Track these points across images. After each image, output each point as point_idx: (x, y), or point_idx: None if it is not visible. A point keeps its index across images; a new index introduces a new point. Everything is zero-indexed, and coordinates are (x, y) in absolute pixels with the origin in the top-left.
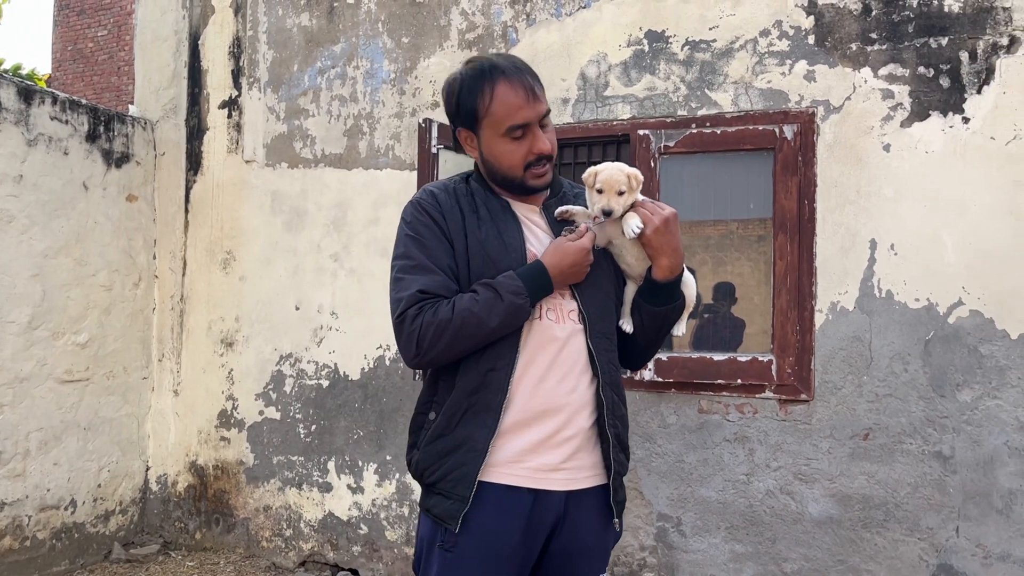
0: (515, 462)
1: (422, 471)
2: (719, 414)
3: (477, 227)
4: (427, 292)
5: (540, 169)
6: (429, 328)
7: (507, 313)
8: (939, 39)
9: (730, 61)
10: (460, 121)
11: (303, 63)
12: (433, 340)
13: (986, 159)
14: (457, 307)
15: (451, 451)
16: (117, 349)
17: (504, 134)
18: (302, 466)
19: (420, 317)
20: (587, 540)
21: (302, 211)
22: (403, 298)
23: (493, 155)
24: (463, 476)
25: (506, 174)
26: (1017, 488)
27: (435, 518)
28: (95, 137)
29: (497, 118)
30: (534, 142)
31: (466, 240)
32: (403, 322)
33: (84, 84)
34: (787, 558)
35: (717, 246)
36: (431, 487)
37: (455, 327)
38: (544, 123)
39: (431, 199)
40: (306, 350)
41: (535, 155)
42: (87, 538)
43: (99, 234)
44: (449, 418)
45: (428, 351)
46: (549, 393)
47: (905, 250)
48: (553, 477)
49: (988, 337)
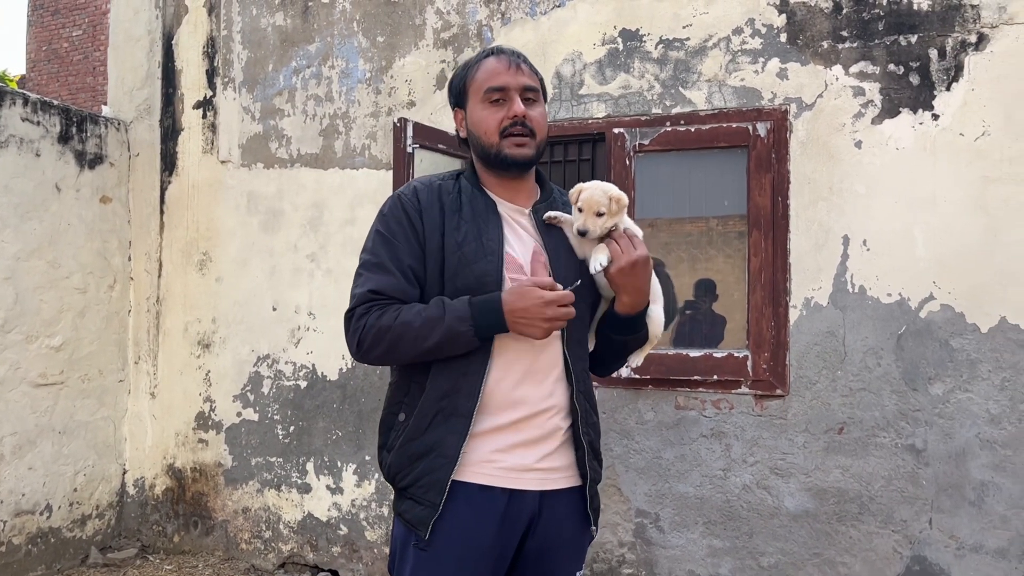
0: (488, 461)
1: (394, 474)
2: (696, 410)
3: (456, 227)
4: (379, 293)
5: (518, 138)
6: (370, 331)
7: (445, 337)
8: (909, 37)
9: (704, 59)
10: (454, 100)
11: (278, 63)
12: (372, 343)
13: (956, 155)
14: (400, 317)
15: (422, 455)
16: (92, 352)
17: (483, 99)
18: (281, 467)
19: (365, 318)
20: (562, 538)
21: (278, 211)
22: (355, 295)
23: (474, 124)
24: (434, 482)
25: (484, 141)
26: (989, 480)
27: (406, 523)
28: (67, 138)
29: (478, 84)
30: (510, 107)
31: (442, 239)
32: (350, 319)
33: (59, 84)
34: (764, 552)
35: (697, 243)
36: (403, 491)
37: (393, 336)
38: (529, 97)
39: (412, 195)
40: (283, 351)
41: (510, 118)
42: (63, 543)
43: (73, 236)
44: (420, 421)
45: (367, 352)
46: (523, 397)
47: (877, 246)
48: (527, 477)
49: (959, 331)
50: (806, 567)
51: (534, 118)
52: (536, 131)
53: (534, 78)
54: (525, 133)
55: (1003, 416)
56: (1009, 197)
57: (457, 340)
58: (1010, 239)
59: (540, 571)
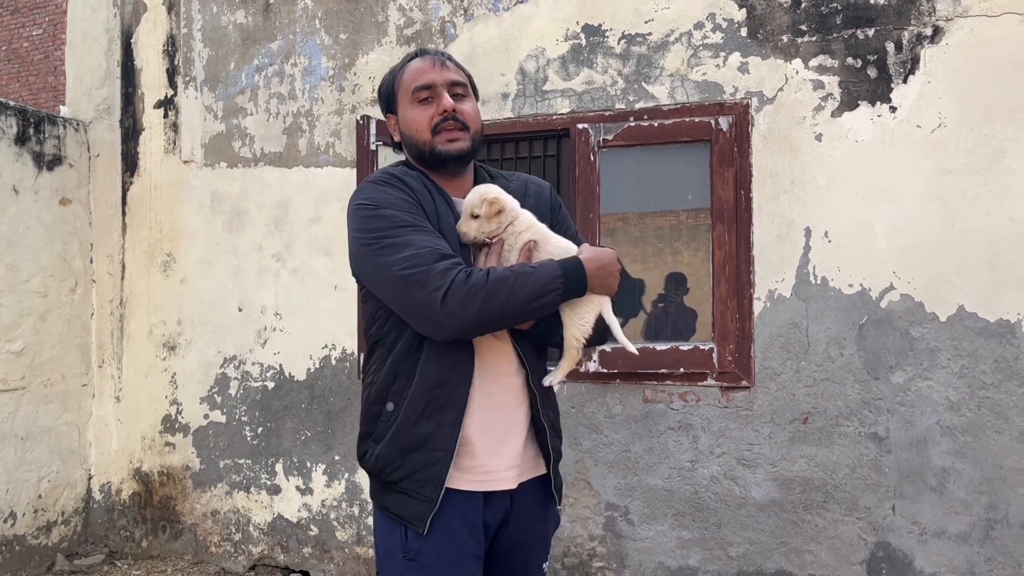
0: (472, 467)
1: (382, 467)
2: (663, 403)
3: (445, 212)
4: (443, 250)
5: (450, 134)
6: (460, 287)
7: (536, 292)
8: (866, 30)
9: (666, 54)
10: (385, 106)
11: (240, 61)
12: (466, 300)
13: (913, 147)
14: (491, 275)
15: (415, 448)
16: (54, 356)
17: (411, 99)
18: (249, 469)
19: (450, 274)
20: (531, 532)
21: (242, 211)
22: (413, 257)
23: (405, 124)
24: (431, 476)
25: (417, 140)
26: (949, 466)
27: (397, 518)
28: (25, 139)
29: (405, 85)
30: (439, 103)
31: (439, 225)
32: (427, 275)
33: (20, 84)
34: (732, 542)
35: (667, 237)
36: (391, 484)
37: (488, 293)
38: (457, 92)
39: (394, 179)
40: (250, 352)
41: (440, 114)
42: (28, 550)
43: (31, 239)
44: (411, 413)
45: (461, 310)
46: (497, 391)
47: (838, 237)
48: (503, 477)
49: (919, 320)
50: (773, 556)
51: (465, 111)
52: (469, 124)
53: (461, 74)
54: (457, 127)
55: (962, 403)
56: (965, 188)
57: (546, 296)
58: (966, 228)
59: (509, 566)
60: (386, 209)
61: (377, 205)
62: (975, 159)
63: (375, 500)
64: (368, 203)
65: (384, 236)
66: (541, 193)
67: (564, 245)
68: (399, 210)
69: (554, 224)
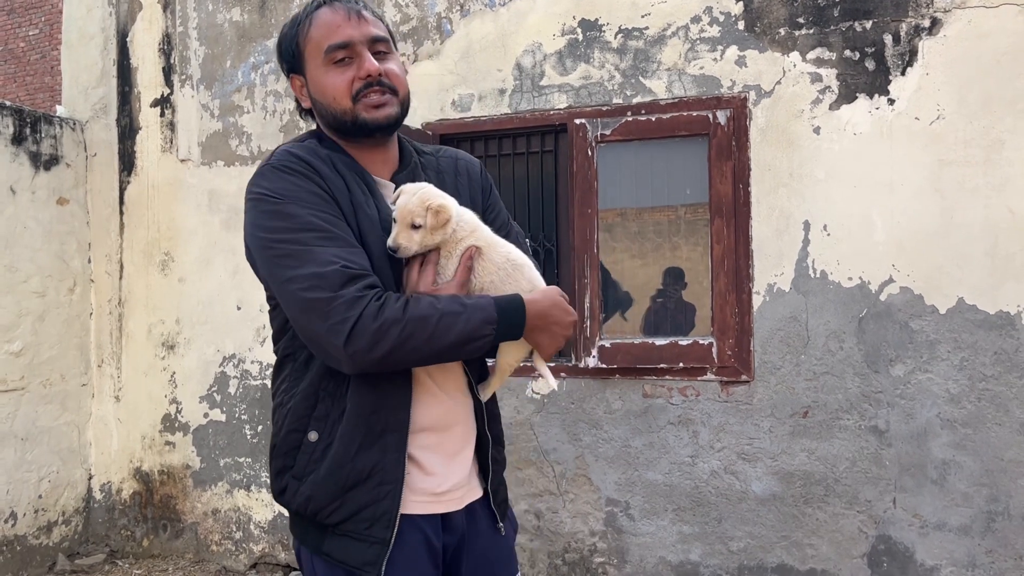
0: (427, 489)
1: (317, 509)
2: (663, 398)
3: (365, 204)
4: (354, 269)
5: (374, 98)
6: (369, 324)
7: (463, 336)
8: (864, 22)
9: (663, 48)
10: (288, 66)
11: (236, 59)
12: (375, 340)
13: (911, 139)
14: (410, 310)
15: (356, 484)
16: (53, 356)
17: (324, 61)
18: (250, 467)
19: (358, 306)
20: (491, 549)
21: (240, 209)
22: (317, 276)
23: (319, 89)
24: (379, 514)
25: (334, 109)
26: (950, 458)
27: (341, 565)
28: (21, 139)
29: (315, 43)
30: (360, 65)
31: (357, 220)
32: (330, 304)
33: (17, 85)
34: (733, 536)
35: (665, 232)
36: (331, 527)
37: (404, 333)
38: (380, 49)
39: (301, 164)
40: (249, 350)
41: (362, 80)
42: (29, 550)
43: (29, 239)
44: (347, 443)
45: (366, 352)
46: (445, 404)
47: (837, 231)
48: (457, 496)
49: (918, 313)
50: (774, 550)
51: (392, 72)
52: (397, 87)
53: (381, 27)
54: (383, 91)
55: (962, 395)
56: (964, 179)
57: (474, 343)
58: (965, 220)
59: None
60: (290, 205)
61: (280, 198)
62: (974, 151)
63: (306, 544)
64: (269, 195)
65: (284, 241)
66: (472, 172)
67: (512, 255)
68: (305, 207)
69: (484, 211)
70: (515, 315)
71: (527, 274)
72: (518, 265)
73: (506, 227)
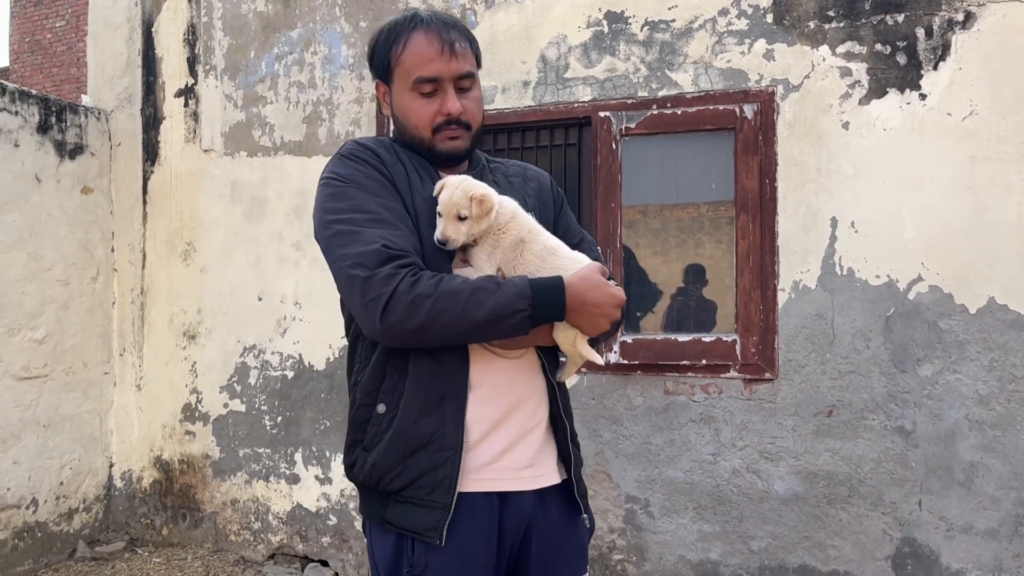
0: (486, 464)
1: (380, 476)
2: (685, 395)
3: (422, 186)
4: (395, 249)
5: (451, 132)
6: (402, 298)
7: (496, 312)
8: (895, 16)
9: (689, 41)
10: (376, 72)
11: (260, 49)
12: (407, 314)
13: (943, 135)
14: (442, 285)
15: (416, 450)
16: (76, 344)
17: (412, 87)
18: (269, 458)
19: (392, 282)
20: (564, 541)
21: (262, 200)
22: (359, 255)
23: (402, 110)
24: (439, 480)
25: (414, 134)
26: (978, 461)
27: (406, 532)
28: (47, 128)
29: (406, 68)
30: (444, 102)
31: (413, 200)
32: (368, 282)
33: (43, 76)
34: (754, 536)
35: (687, 228)
36: (393, 495)
37: (436, 307)
38: (464, 86)
39: (366, 153)
40: (270, 341)
41: (443, 116)
42: (50, 537)
43: (54, 228)
44: (408, 411)
45: (398, 325)
46: (510, 378)
47: (865, 227)
48: (524, 476)
49: (947, 312)
50: (796, 550)
51: (470, 110)
52: (472, 123)
53: (469, 58)
54: (460, 128)
55: (992, 397)
56: (996, 176)
57: (507, 320)
58: (997, 218)
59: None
60: (349, 187)
61: (343, 182)
62: (1007, 147)
63: (371, 516)
64: (334, 178)
65: (339, 221)
66: (542, 181)
67: (549, 243)
68: (362, 190)
69: (555, 224)
70: (553, 296)
71: (561, 256)
72: (552, 249)
73: (578, 235)
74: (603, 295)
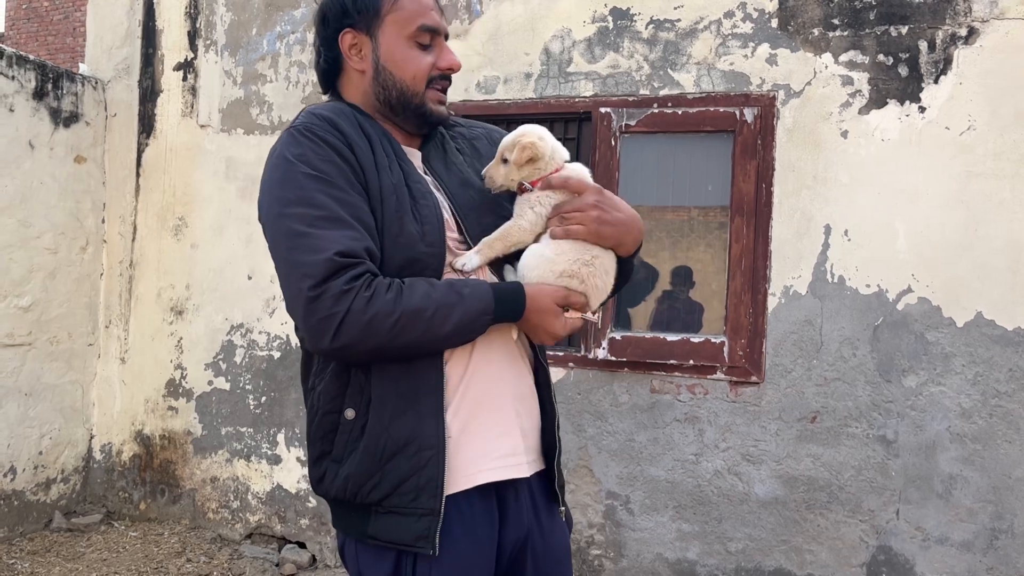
0: (475, 457)
1: (356, 488)
2: (671, 394)
3: (388, 166)
4: (350, 257)
5: (441, 86)
6: (358, 318)
7: (460, 326)
8: (899, 27)
9: (694, 42)
10: (351, 19)
11: (262, 27)
12: (363, 335)
13: (940, 149)
14: (403, 301)
15: (394, 454)
16: (62, 314)
17: (412, 35)
18: (251, 438)
19: (346, 300)
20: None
21: (257, 179)
22: (310, 264)
23: (395, 61)
24: (423, 484)
25: (406, 87)
26: (957, 473)
27: (393, 545)
28: (43, 95)
29: (407, 14)
30: (442, 54)
31: (380, 182)
32: (317, 300)
33: (38, 44)
34: (732, 537)
35: (678, 232)
36: (374, 507)
37: (397, 327)
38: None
39: (324, 127)
40: (258, 320)
41: (441, 69)
42: (27, 506)
43: (45, 195)
44: (380, 412)
45: (351, 346)
46: (488, 359)
47: (858, 236)
48: (518, 462)
49: (935, 324)
50: (773, 553)
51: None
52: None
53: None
54: (446, 87)
55: (974, 410)
56: (991, 192)
57: (471, 331)
58: (988, 234)
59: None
60: (301, 173)
61: (294, 162)
62: (1003, 164)
63: (350, 531)
64: (285, 158)
65: (287, 216)
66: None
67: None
68: (314, 179)
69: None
70: (514, 304)
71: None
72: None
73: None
74: (551, 321)
